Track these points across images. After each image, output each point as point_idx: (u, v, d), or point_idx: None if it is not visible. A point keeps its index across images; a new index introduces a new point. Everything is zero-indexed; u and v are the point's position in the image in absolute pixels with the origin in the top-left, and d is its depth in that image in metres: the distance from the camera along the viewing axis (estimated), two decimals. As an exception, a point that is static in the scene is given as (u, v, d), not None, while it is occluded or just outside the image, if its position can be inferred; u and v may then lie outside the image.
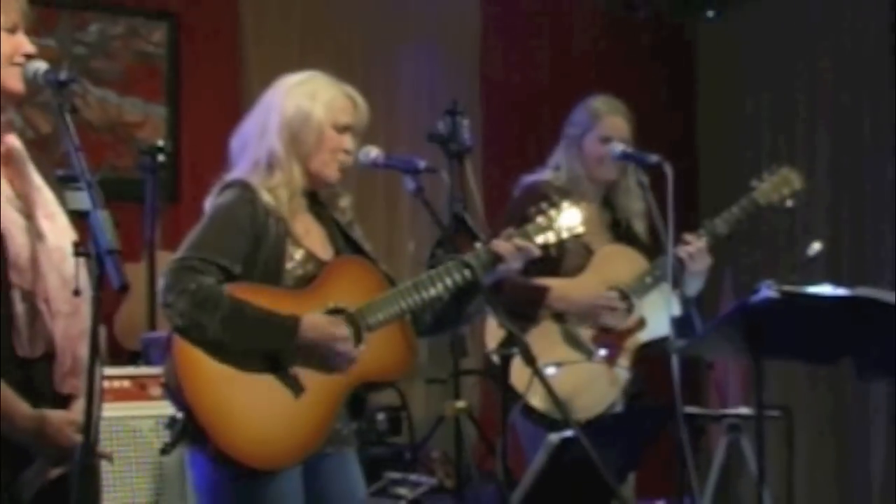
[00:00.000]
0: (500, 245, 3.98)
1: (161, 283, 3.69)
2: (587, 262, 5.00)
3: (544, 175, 5.14)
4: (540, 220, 4.07)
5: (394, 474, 3.65)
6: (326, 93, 3.92)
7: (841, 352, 4.99)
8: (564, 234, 4.10)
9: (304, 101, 3.88)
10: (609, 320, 4.99)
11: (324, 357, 3.74)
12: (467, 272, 3.88)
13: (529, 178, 5.16)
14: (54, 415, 3.13)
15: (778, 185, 5.12)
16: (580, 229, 4.12)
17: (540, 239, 4.06)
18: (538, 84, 8.25)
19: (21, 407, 3.09)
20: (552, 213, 4.08)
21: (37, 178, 3.26)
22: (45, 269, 3.16)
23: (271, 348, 3.70)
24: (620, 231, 5.15)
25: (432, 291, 3.90)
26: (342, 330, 3.76)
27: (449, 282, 3.90)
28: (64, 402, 3.20)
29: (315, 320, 3.73)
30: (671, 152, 4.78)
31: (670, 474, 5.10)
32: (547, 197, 4.80)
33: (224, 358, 3.66)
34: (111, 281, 2.90)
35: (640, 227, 5.15)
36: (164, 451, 3.91)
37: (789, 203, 5.15)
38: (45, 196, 3.24)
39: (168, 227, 6.13)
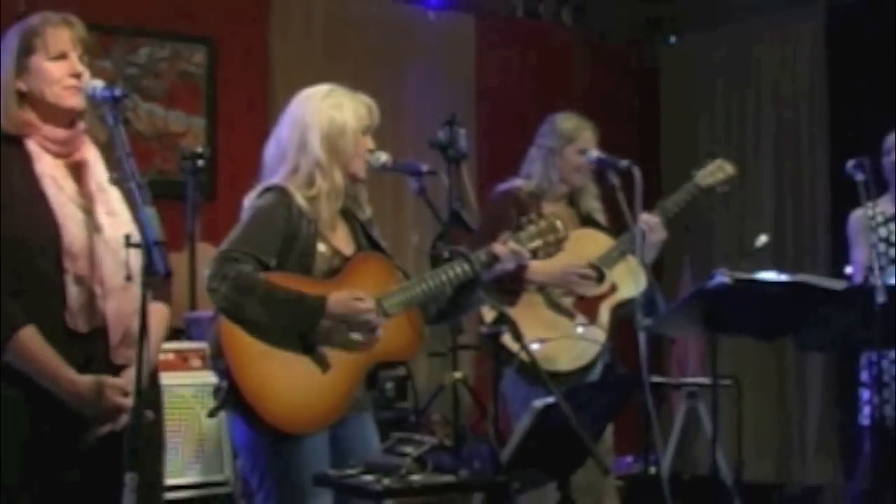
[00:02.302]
0: (499, 248, 3.98)
1: (207, 271, 3.69)
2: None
3: (515, 182, 5.16)
4: (531, 228, 4.08)
5: (400, 434, 3.62)
6: (350, 103, 3.90)
7: (783, 329, 5.00)
8: (551, 240, 4.11)
9: (335, 114, 3.86)
10: (582, 289, 5.01)
11: (351, 327, 3.72)
12: (468, 267, 3.89)
13: (503, 186, 5.19)
14: (95, 380, 3.15)
15: (714, 172, 5.22)
16: (563, 235, 4.14)
17: (531, 245, 4.06)
18: (526, 99, 8.23)
19: (64, 372, 3.12)
20: (541, 223, 4.08)
21: (104, 181, 3.26)
22: (100, 257, 3.18)
23: (303, 325, 3.69)
24: (587, 222, 5.17)
25: (439, 284, 3.90)
26: (365, 302, 3.74)
27: (452, 275, 3.90)
28: (118, 370, 3.21)
29: (340, 296, 3.71)
30: (638, 157, 4.78)
31: (637, 434, 5.10)
32: (521, 201, 4.86)
33: (261, 336, 3.66)
34: (157, 268, 2.92)
35: (601, 218, 5.21)
36: (211, 414, 3.90)
37: (725, 187, 5.25)
38: (109, 195, 3.25)
39: (206, 222, 6.12)
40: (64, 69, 3.22)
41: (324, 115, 3.86)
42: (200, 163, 5.93)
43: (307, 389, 3.72)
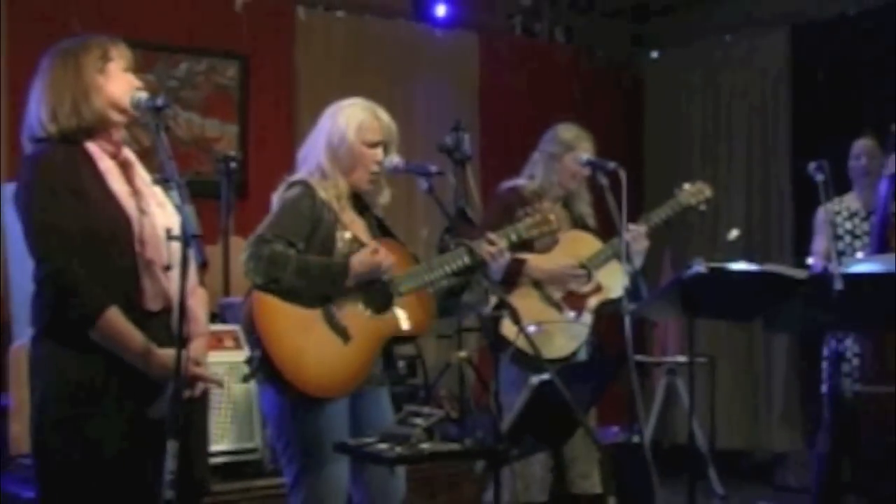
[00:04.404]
0: (483, 251, 3.98)
1: (244, 254, 3.72)
2: (554, 244, 5.00)
3: (519, 181, 5.15)
4: (528, 220, 4.13)
5: (411, 407, 3.63)
6: (358, 117, 3.91)
7: (753, 312, 5.01)
8: (545, 230, 4.12)
9: (342, 127, 3.90)
10: (573, 285, 5.00)
11: (373, 276, 3.78)
12: (469, 256, 3.89)
13: (508, 184, 5.18)
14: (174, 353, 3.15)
15: (694, 193, 5.19)
16: (556, 227, 4.14)
17: (528, 234, 4.12)
18: (523, 108, 8.21)
19: (151, 347, 3.15)
20: (537, 216, 4.13)
21: (147, 178, 3.31)
22: (157, 243, 3.20)
23: (333, 287, 3.73)
24: (578, 224, 5.16)
25: (446, 268, 3.92)
26: (383, 256, 3.79)
27: (459, 262, 3.92)
28: (183, 344, 3.21)
29: (360, 256, 3.77)
30: (625, 160, 4.76)
31: (622, 407, 5.09)
32: (524, 198, 4.86)
33: (296, 301, 3.69)
34: (195, 259, 2.95)
35: (591, 222, 5.18)
36: (245, 380, 3.93)
37: (702, 207, 5.22)
38: (155, 191, 3.30)
39: (238, 218, 6.11)
40: (133, 81, 3.28)
41: (334, 125, 3.91)
42: (233, 165, 5.92)
43: (332, 358, 3.74)
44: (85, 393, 3.12)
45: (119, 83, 3.26)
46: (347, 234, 3.86)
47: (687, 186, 5.19)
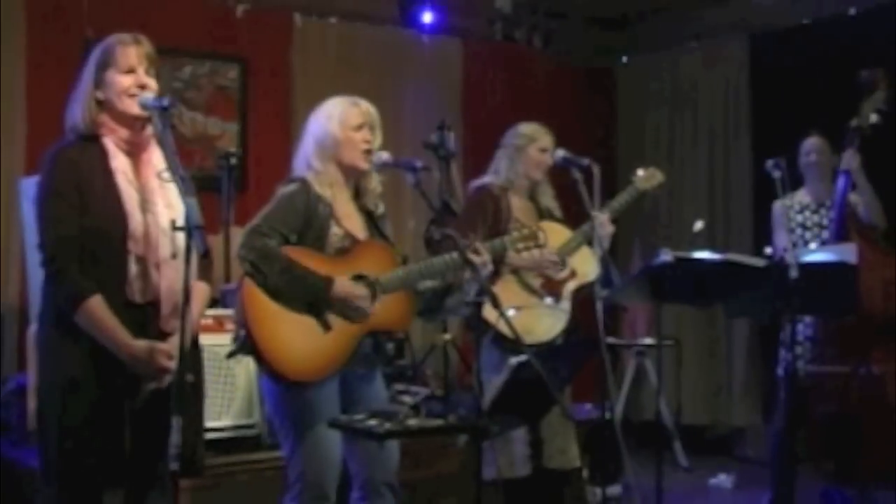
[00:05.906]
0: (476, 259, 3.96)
1: (238, 240, 3.73)
2: None
3: (486, 179, 5.14)
4: (515, 234, 4.10)
5: (399, 386, 3.64)
6: (337, 109, 3.93)
7: (716, 298, 5.02)
8: (531, 245, 4.12)
9: (324, 121, 3.91)
10: (550, 272, 5.00)
11: (346, 308, 3.76)
12: (456, 255, 3.87)
13: (476, 183, 5.16)
14: (147, 344, 3.17)
15: (648, 178, 5.19)
16: (543, 243, 4.14)
17: (517, 247, 4.08)
18: (504, 108, 8.20)
19: (122, 336, 3.15)
20: (525, 231, 4.09)
21: (166, 177, 3.23)
22: (156, 241, 3.20)
23: (311, 297, 3.72)
24: (546, 216, 5.15)
25: (431, 267, 3.90)
26: (362, 291, 3.77)
27: (442, 263, 3.90)
28: (166, 337, 3.22)
29: (343, 282, 3.75)
30: (598, 157, 4.76)
31: (595, 386, 5.09)
32: (493, 194, 4.85)
33: (276, 298, 3.68)
34: (197, 248, 2.93)
35: (558, 214, 5.17)
36: (229, 356, 3.93)
37: (657, 191, 5.25)
38: (167, 191, 3.26)
39: (238, 210, 6.09)
40: (131, 81, 3.26)
41: (317, 123, 3.93)
42: (233, 161, 5.90)
43: (308, 345, 3.73)
44: (71, 373, 3.14)
45: (112, 89, 3.26)
46: (340, 231, 3.85)
47: (640, 173, 5.20)
